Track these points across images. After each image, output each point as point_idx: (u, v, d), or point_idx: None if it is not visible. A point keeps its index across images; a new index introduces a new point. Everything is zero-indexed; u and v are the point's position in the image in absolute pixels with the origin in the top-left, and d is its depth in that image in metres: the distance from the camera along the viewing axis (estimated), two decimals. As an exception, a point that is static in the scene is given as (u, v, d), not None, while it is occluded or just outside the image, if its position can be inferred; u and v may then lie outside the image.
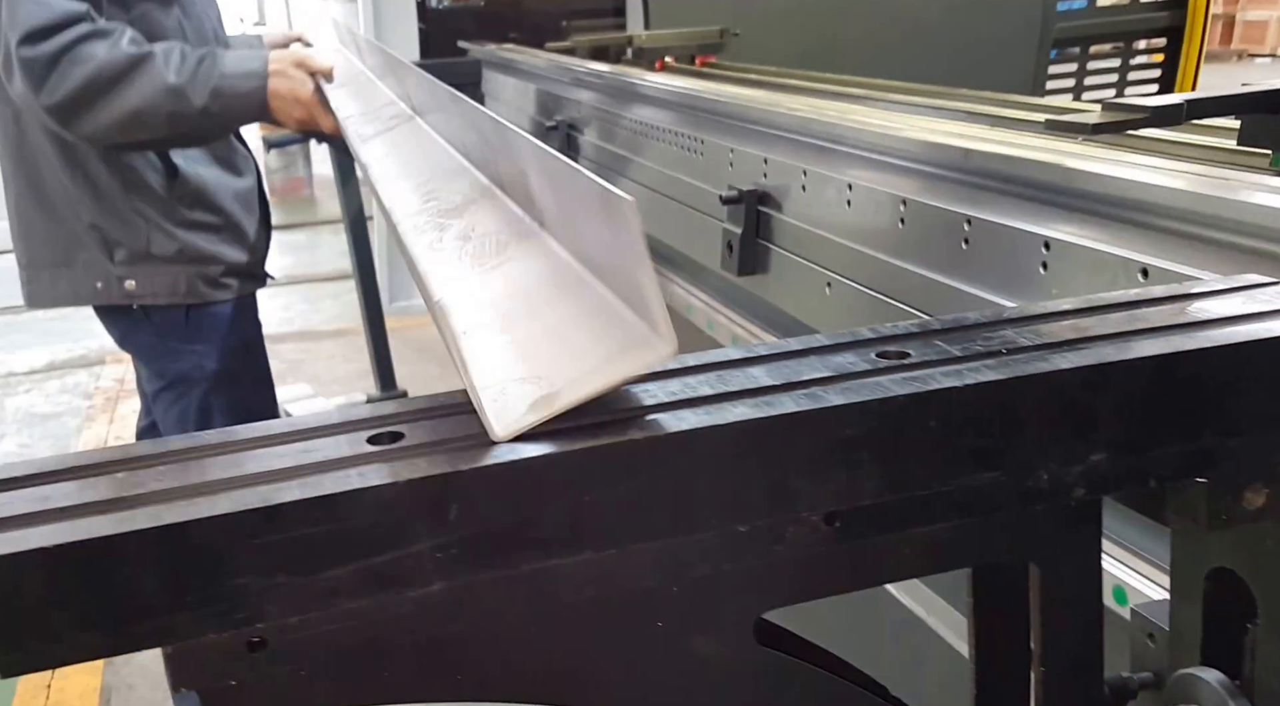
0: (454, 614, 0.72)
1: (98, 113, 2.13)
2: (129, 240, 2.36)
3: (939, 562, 0.80)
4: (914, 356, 0.78)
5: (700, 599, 0.77)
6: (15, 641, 0.62)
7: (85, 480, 0.70)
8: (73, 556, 0.62)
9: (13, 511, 0.66)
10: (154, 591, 0.63)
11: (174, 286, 2.40)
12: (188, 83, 2.15)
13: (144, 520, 0.64)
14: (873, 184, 1.49)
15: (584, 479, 0.71)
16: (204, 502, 0.66)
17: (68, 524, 0.64)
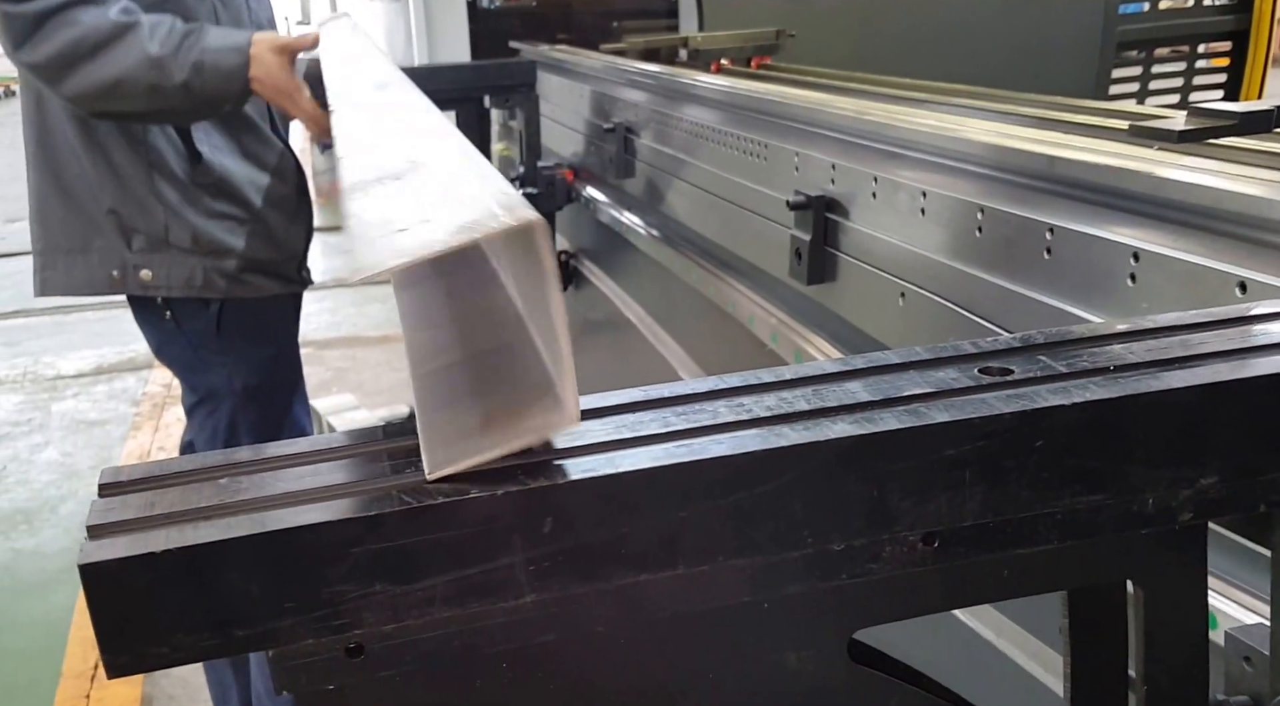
0: (545, 625, 0.71)
1: (78, 77, 2.09)
2: (147, 226, 2.32)
3: (1037, 584, 0.78)
4: (1017, 373, 0.77)
5: (793, 616, 0.76)
6: (123, 644, 0.63)
7: (190, 485, 0.71)
8: (180, 561, 0.63)
9: (122, 516, 0.67)
10: (258, 596, 0.64)
11: (190, 278, 2.35)
12: (170, 55, 2.11)
13: (248, 526, 0.65)
14: (948, 190, 1.46)
15: (680, 495, 0.70)
16: (306, 510, 0.66)
17: (175, 529, 0.65)
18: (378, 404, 4.79)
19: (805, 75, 3.00)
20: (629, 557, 0.71)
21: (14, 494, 4.61)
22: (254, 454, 0.75)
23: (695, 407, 0.78)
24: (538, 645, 0.72)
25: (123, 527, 0.65)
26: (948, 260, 1.43)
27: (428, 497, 0.67)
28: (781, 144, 1.94)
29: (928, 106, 2.11)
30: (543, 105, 3.28)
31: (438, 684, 0.71)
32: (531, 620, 0.71)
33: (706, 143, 2.27)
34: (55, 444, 5.13)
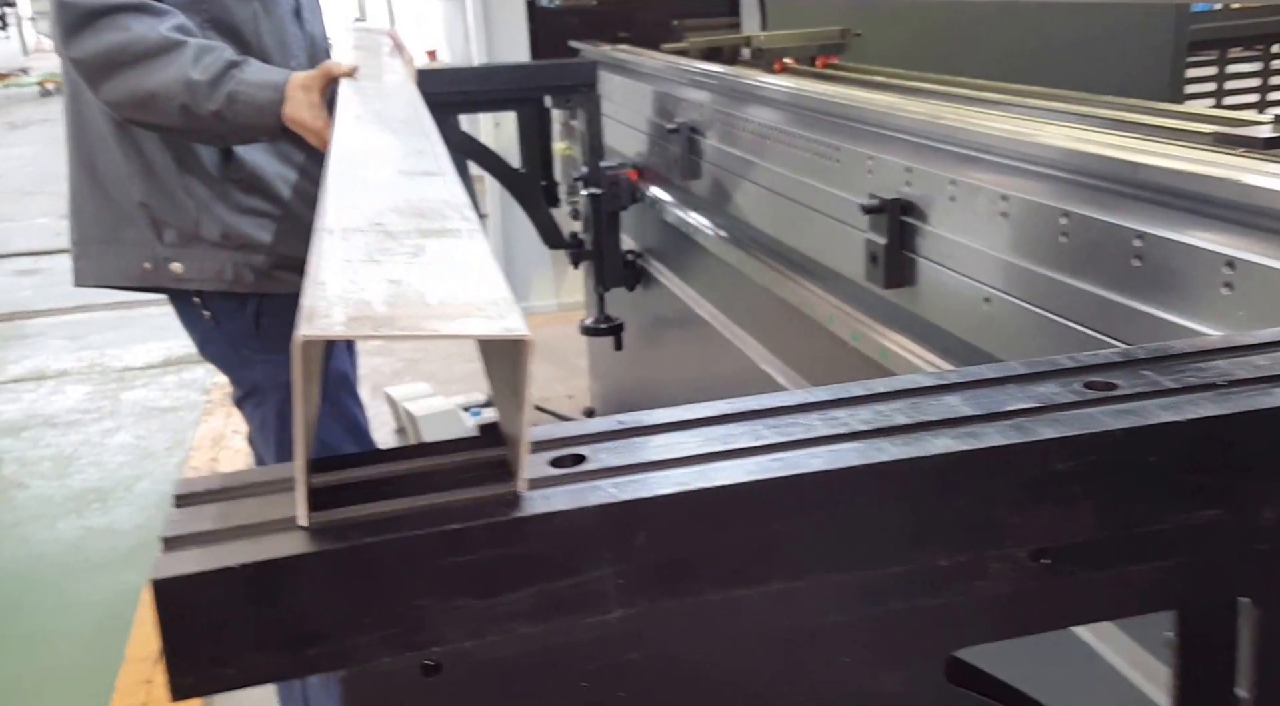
0: (632, 642, 0.70)
1: (116, 82, 2.10)
2: (177, 220, 2.32)
3: (1148, 602, 0.76)
4: (1123, 388, 0.74)
5: (891, 633, 0.74)
6: (191, 664, 0.61)
7: (266, 497, 0.69)
8: (254, 576, 0.61)
9: (197, 528, 0.66)
10: (333, 613, 0.63)
11: (220, 272, 2.34)
12: (208, 82, 2.10)
13: (327, 540, 0.63)
14: (1030, 195, 1.44)
15: (776, 509, 0.69)
16: (387, 523, 0.65)
17: (250, 542, 0.64)
18: (452, 392, 4.79)
19: (873, 75, 2.97)
20: (722, 572, 0.69)
21: (86, 474, 4.67)
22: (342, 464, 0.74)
23: (787, 420, 0.76)
24: (622, 662, 0.71)
25: (197, 540, 0.64)
26: (1033, 265, 1.40)
27: (514, 510, 0.66)
28: (854, 146, 1.92)
29: (1001, 108, 2.08)
30: (608, 106, 3.27)
31: (514, 703, 0.70)
32: (617, 636, 0.69)
33: (775, 144, 2.25)
34: (127, 428, 5.19)
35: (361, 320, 0.66)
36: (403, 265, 0.79)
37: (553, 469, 0.72)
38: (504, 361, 0.76)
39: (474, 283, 0.76)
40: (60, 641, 3.50)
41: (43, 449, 5.00)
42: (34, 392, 5.75)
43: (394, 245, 0.84)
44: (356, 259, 0.80)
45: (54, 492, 4.53)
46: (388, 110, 1.61)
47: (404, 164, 1.16)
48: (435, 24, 6.93)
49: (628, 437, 0.76)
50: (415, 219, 0.93)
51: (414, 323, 0.67)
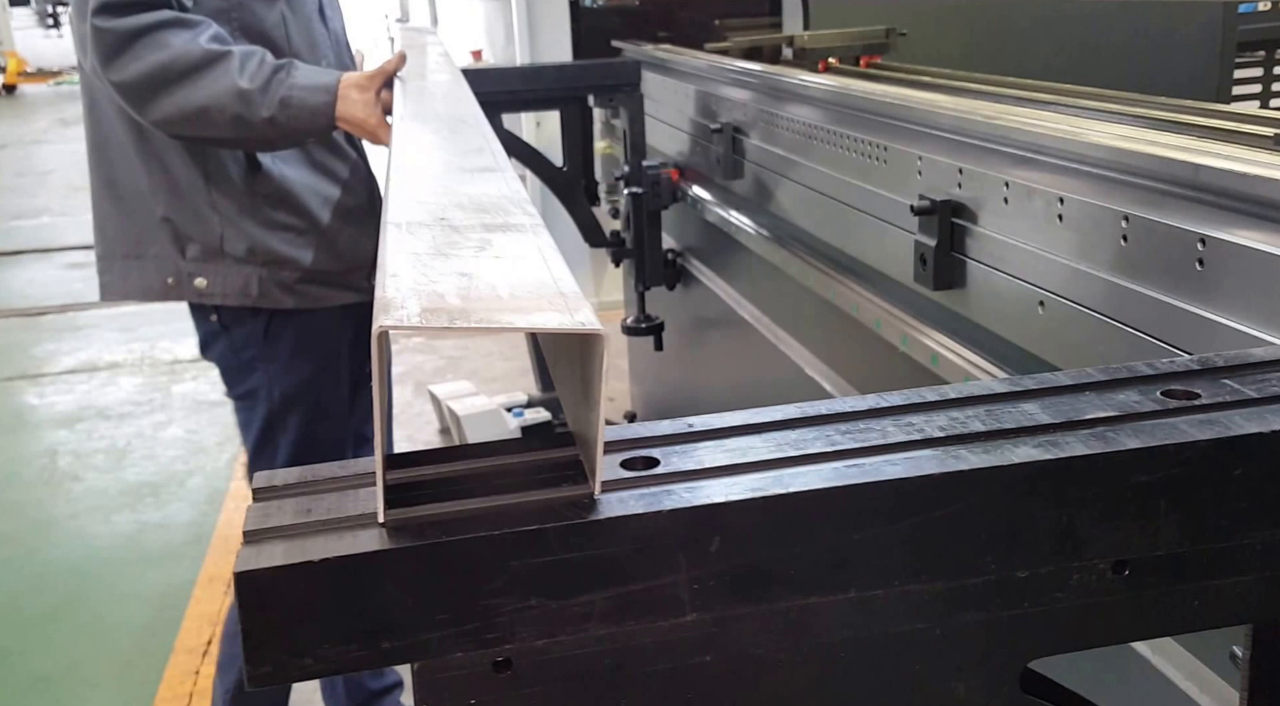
0: (703, 646, 0.70)
1: (164, 101, 2.09)
2: (201, 235, 2.30)
3: (1227, 617, 0.74)
4: (1204, 397, 0.73)
5: (966, 643, 0.73)
6: (269, 653, 0.62)
7: (345, 492, 0.70)
8: (336, 570, 0.62)
9: (278, 521, 0.66)
10: (411, 608, 0.63)
11: (245, 287, 2.32)
12: (259, 89, 2.10)
13: (407, 537, 0.63)
14: (1088, 197, 1.42)
15: (853, 517, 0.68)
16: (466, 522, 0.65)
17: (332, 537, 0.64)
18: (494, 391, 4.80)
19: (918, 75, 2.95)
20: (797, 579, 0.69)
21: (140, 468, 4.74)
22: (418, 461, 0.74)
23: (860, 426, 0.76)
24: (692, 666, 0.71)
25: (279, 533, 0.65)
26: (1091, 269, 1.38)
27: (590, 513, 0.66)
28: (903, 147, 1.90)
29: (1051, 108, 2.06)
30: (651, 106, 3.26)
31: (584, 703, 0.70)
32: (689, 640, 0.69)
33: (821, 144, 2.24)
34: (178, 422, 5.25)
35: (436, 312, 0.66)
36: (471, 259, 0.79)
37: (625, 471, 0.71)
38: (573, 357, 0.76)
39: (542, 276, 0.75)
40: (114, 632, 3.57)
41: (96, 441, 5.08)
42: (87, 384, 5.85)
43: (460, 239, 0.84)
44: (425, 252, 0.79)
45: (108, 485, 4.60)
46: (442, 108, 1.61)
47: (463, 161, 1.16)
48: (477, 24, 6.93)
49: (698, 441, 0.75)
50: (478, 214, 0.92)
51: (488, 315, 0.66)
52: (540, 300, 0.70)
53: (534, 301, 0.69)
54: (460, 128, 1.39)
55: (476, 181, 1.06)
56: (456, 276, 0.73)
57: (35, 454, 5.02)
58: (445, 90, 1.86)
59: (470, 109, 1.61)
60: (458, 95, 1.79)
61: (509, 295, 0.70)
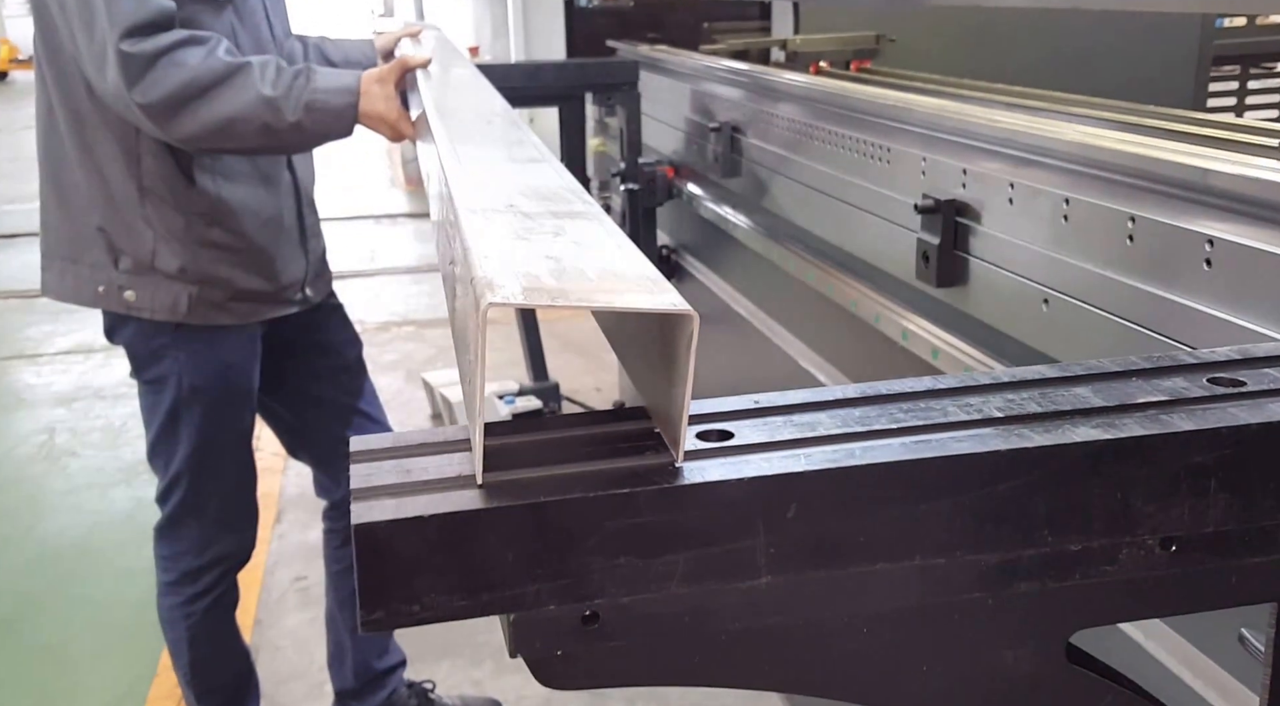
0: (776, 608, 0.74)
1: (190, 117, 2.11)
2: (133, 249, 2.29)
3: (1265, 593, 0.79)
4: (1250, 385, 0.78)
5: (1017, 613, 0.77)
6: (380, 601, 0.66)
7: (442, 456, 0.73)
8: (444, 526, 0.65)
9: (382, 481, 0.69)
10: (510, 563, 0.67)
11: (174, 304, 2.31)
12: (282, 96, 2.13)
13: (510, 496, 0.67)
14: (1094, 198, 1.47)
15: (923, 489, 0.72)
16: (563, 484, 0.69)
17: (437, 495, 0.67)
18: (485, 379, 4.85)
19: (908, 80, 3.01)
20: (867, 546, 0.73)
21: (136, 446, 4.73)
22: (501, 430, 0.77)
23: (920, 405, 0.79)
24: (765, 627, 0.74)
25: (387, 491, 0.68)
26: (1096, 268, 1.43)
27: (676, 479, 0.69)
28: (906, 148, 1.95)
29: (1044, 115, 2.11)
30: (649, 105, 3.30)
31: (661, 657, 0.74)
32: (763, 602, 0.73)
33: (821, 144, 2.28)
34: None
35: (538, 291, 0.69)
36: (551, 243, 0.82)
37: (702, 442, 0.75)
38: (650, 337, 0.79)
39: (622, 260, 0.78)
40: (114, 605, 3.64)
41: (93, 420, 5.11)
42: (83, 365, 5.88)
43: (534, 225, 0.87)
44: (507, 236, 0.82)
45: (105, 463, 4.65)
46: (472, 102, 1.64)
47: (510, 152, 1.19)
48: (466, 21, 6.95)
49: (765, 416, 0.79)
50: (543, 201, 0.95)
51: (585, 295, 0.69)
52: (627, 282, 0.73)
53: (622, 283, 0.72)
54: (495, 120, 1.42)
55: (530, 172, 1.09)
56: (545, 259, 0.76)
57: (33, 431, 5.06)
58: (470, 84, 1.88)
59: (498, 102, 1.64)
60: (482, 87, 1.81)
61: (597, 277, 0.73)
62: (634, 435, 0.76)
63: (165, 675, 3.23)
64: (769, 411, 0.80)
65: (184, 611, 2.54)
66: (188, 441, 2.42)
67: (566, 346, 5.30)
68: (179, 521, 2.51)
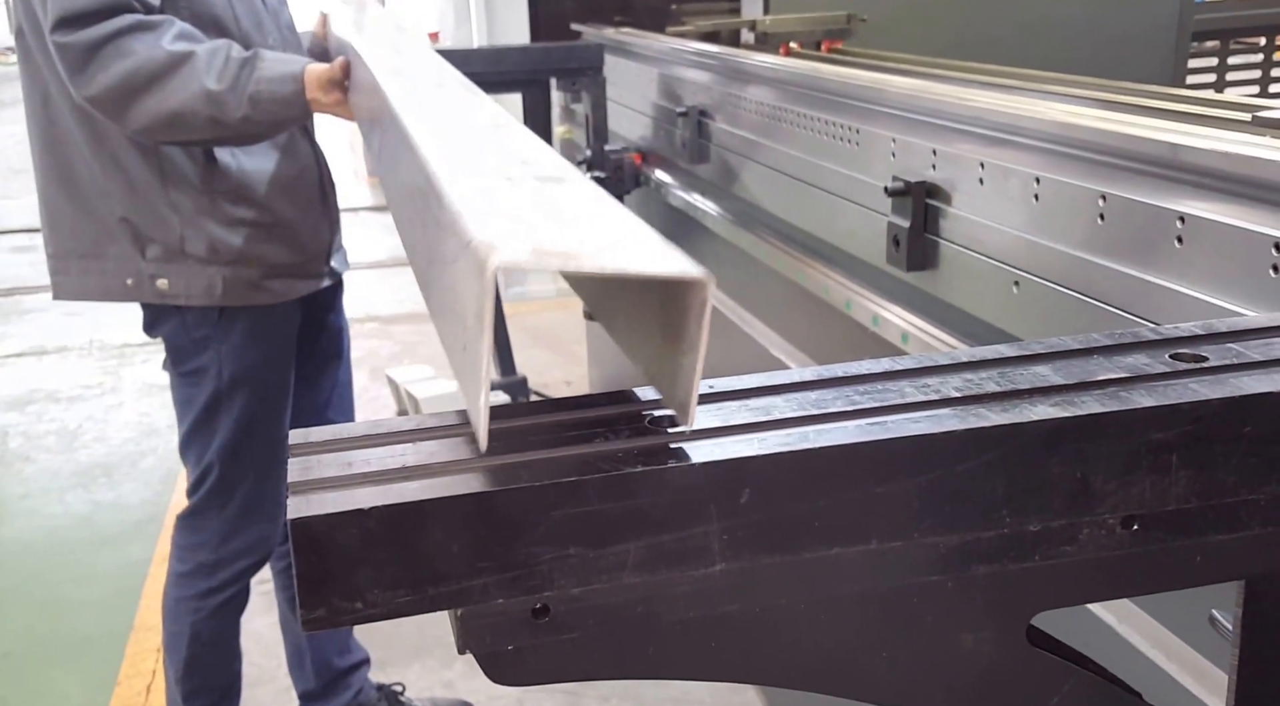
0: (731, 595, 0.72)
1: (139, 110, 2.06)
2: (161, 236, 2.26)
3: (1226, 571, 0.77)
4: (1211, 360, 0.76)
5: (977, 596, 0.76)
6: (321, 598, 0.64)
7: (385, 447, 0.71)
8: (386, 518, 0.63)
9: (321, 474, 0.67)
10: (455, 555, 0.65)
11: (210, 287, 2.29)
12: (227, 90, 2.07)
13: (454, 487, 0.65)
14: (1064, 177, 1.45)
15: (878, 471, 0.70)
16: (510, 474, 0.67)
17: (379, 488, 0.66)
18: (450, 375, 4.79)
19: (881, 60, 2.99)
20: (822, 531, 0.71)
21: (92, 450, 4.71)
22: (443, 420, 0.75)
23: (878, 387, 0.78)
24: (720, 615, 0.73)
25: (326, 484, 0.66)
26: (1067, 248, 1.41)
27: (627, 465, 0.67)
28: (876, 130, 1.93)
29: (1019, 93, 2.09)
30: (614, 90, 3.27)
31: (615, 648, 0.72)
32: (718, 589, 0.71)
33: (790, 127, 2.26)
34: (130, 404, 5.21)
35: (548, 253, 0.66)
36: (549, 207, 0.79)
37: (653, 426, 0.73)
38: (650, 304, 0.77)
39: (623, 225, 0.76)
40: (73, 610, 3.56)
41: (47, 423, 5.04)
42: (36, 367, 5.79)
43: (527, 189, 0.84)
44: (503, 199, 0.79)
45: (61, 466, 4.58)
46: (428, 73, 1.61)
47: (476, 119, 1.16)
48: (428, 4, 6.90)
49: (720, 401, 0.77)
50: (527, 167, 0.92)
51: (595, 257, 0.67)
52: (636, 247, 0.71)
53: (630, 248, 0.70)
54: (456, 89, 1.39)
55: (503, 138, 1.06)
56: (545, 221, 0.74)
57: (-15, 435, 4.98)
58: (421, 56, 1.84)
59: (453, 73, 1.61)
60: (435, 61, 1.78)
61: (607, 242, 0.71)
62: (589, 422, 0.74)
63: (127, 683, 3.20)
64: (724, 396, 0.78)
65: (193, 606, 2.49)
66: (224, 433, 2.40)
67: (536, 339, 5.23)
68: (203, 511, 2.47)
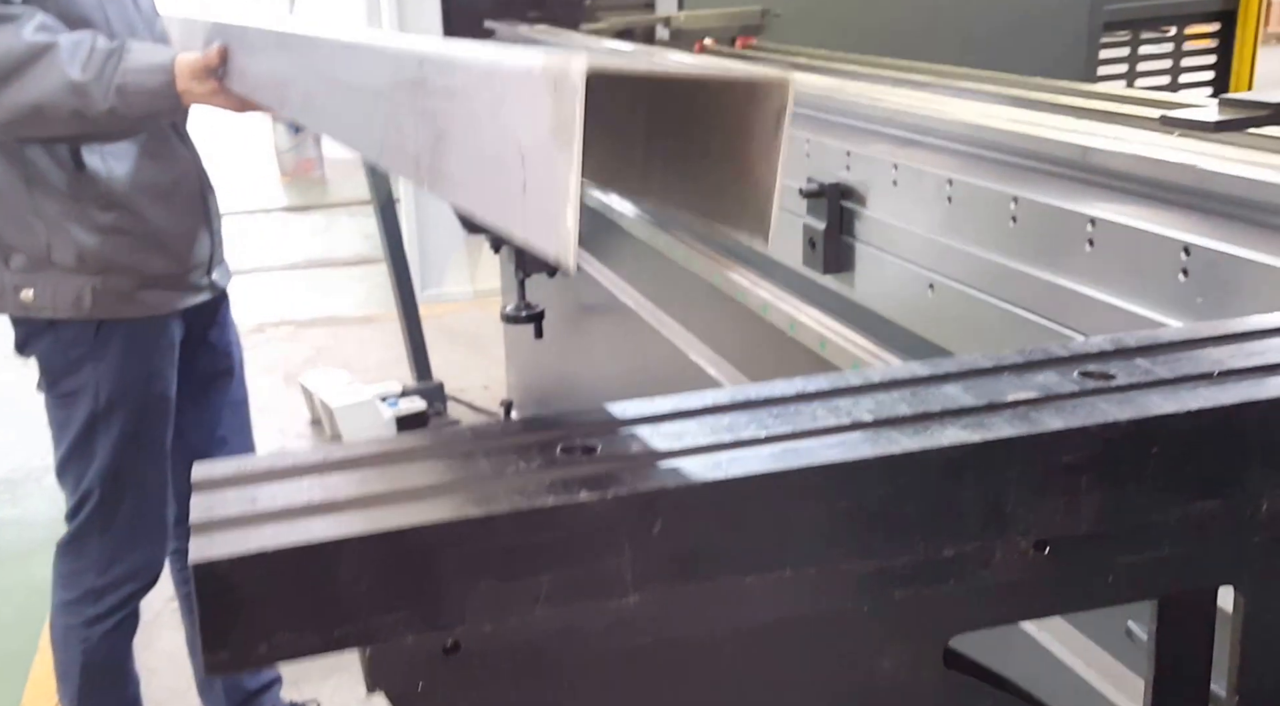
0: (646, 627, 0.71)
1: None
2: (26, 245, 2.16)
3: (1141, 591, 0.77)
4: (1120, 377, 0.76)
5: (894, 620, 0.75)
6: (224, 642, 0.62)
7: (291, 481, 0.69)
8: (291, 559, 0.62)
9: (225, 513, 0.65)
10: (363, 593, 0.63)
11: (78, 300, 2.18)
12: (92, 81, 1.99)
13: (359, 525, 0.64)
14: (977, 179, 1.45)
15: (791, 498, 0.69)
16: (419, 508, 0.65)
17: (284, 526, 0.64)
18: (366, 380, 4.71)
19: (794, 56, 2.98)
20: (735, 560, 0.70)
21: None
22: (350, 451, 0.73)
23: (790, 410, 0.77)
24: (635, 647, 0.72)
25: (229, 524, 0.64)
26: (981, 251, 1.42)
27: (538, 498, 0.66)
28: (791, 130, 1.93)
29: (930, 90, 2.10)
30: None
31: (530, 684, 0.71)
32: (632, 621, 0.70)
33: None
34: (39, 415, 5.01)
35: (632, 59, 0.65)
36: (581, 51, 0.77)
37: (565, 457, 0.72)
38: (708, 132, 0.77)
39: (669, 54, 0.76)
40: None
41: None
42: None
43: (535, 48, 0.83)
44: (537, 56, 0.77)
45: (-41, 484, 4.41)
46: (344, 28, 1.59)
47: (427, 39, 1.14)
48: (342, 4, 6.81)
49: (632, 426, 0.76)
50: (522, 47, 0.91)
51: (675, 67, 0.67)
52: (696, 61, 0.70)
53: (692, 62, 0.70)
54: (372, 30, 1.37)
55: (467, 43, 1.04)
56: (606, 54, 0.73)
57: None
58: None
59: None
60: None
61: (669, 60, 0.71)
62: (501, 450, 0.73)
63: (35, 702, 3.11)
64: (635, 422, 0.76)
65: (80, 634, 2.39)
66: (103, 455, 2.29)
67: (453, 341, 5.13)
68: (84, 536, 2.37)
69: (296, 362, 5.43)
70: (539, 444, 0.73)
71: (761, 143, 0.68)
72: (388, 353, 5.11)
